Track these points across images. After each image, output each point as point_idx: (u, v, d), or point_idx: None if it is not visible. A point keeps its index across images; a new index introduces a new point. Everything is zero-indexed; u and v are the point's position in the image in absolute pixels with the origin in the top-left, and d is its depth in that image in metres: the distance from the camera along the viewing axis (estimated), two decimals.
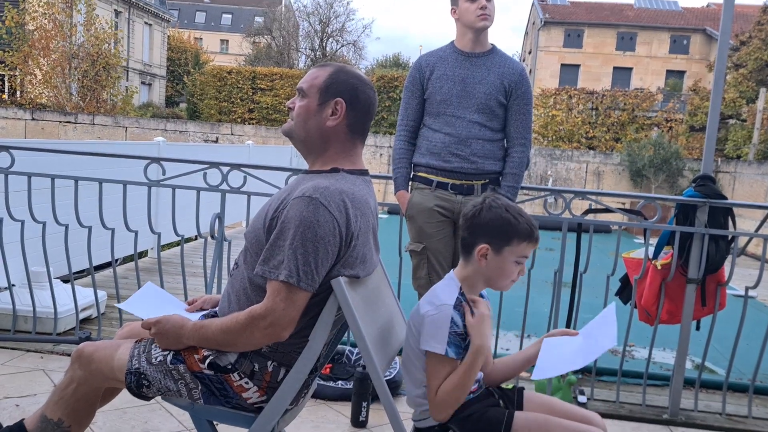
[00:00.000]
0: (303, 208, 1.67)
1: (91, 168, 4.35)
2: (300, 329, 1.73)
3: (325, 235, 1.66)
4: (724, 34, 3.06)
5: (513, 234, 1.73)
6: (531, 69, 33.31)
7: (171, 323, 1.78)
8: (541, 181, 15.33)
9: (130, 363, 1.80)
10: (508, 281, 1.79)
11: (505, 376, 1.92)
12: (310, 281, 1.67)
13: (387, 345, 1.97)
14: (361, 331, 1.72)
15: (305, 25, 37.15)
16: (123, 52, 30.20)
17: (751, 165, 13.03)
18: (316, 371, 1.91)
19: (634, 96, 18.67)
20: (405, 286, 3.36)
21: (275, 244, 1.68)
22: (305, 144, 1.86)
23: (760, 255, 3.24)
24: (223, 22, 58.64)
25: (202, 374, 1.75)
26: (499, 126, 3.07)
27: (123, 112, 22.51)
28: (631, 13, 35.08)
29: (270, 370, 1.75)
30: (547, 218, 3.27)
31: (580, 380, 3.51)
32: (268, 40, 38.16)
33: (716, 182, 3.20)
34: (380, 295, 2.04)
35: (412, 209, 3.09)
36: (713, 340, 3.23)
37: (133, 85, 31.13)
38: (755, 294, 6.91)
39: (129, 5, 35.29)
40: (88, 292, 3.95)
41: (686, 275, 3.13)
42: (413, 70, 3.16)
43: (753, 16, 23.11)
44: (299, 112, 1.84)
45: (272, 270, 1.67)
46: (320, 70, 1.86)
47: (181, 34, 41.14)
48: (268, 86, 22.53)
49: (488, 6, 2.98)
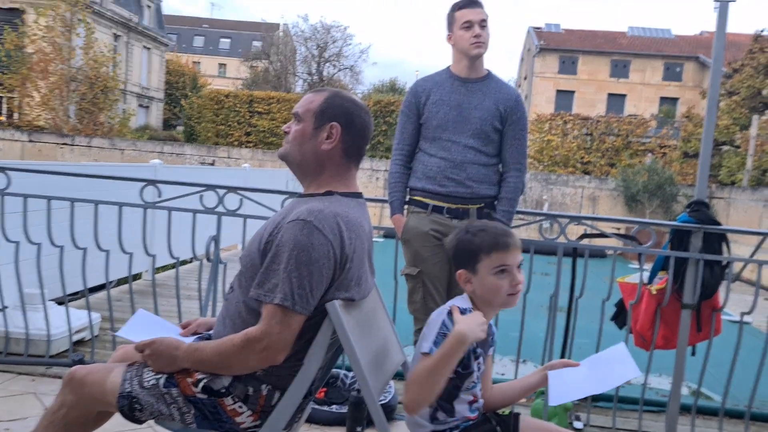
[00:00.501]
0: (297, 231, 1.67)
1: (87, 190, 4.34)
2: (295, 352, 1.72)
3: (319, 258, 1.67)
4: (716, 61, 3.10)
5: (476, 250, 1.76)
6: (527, 94, 33.61)
7: (165, 345, 1.77)
8: (536, 206, 15.37)
9: (122, 386, 1.78)
10: (503, 294, 1.76)
11: (504, 403, 1.91)
12: (305, 304, 1.67)
13: (382, 368, 1.96)
14: (356, 355, 1.71)
15: (302, 49, 37.49)
16: (121, 75, 30.41)
17: (745, 191, 13.11)
18: (311, 395, 1.90)
19: (628, 122, 18.84)
20: (401, 310, 3.36)
21: (270, 267, 1.69)
22: (301, 167, 1.88)
23: (755, 281, 3.24)
24: (222, 46, 59.14)
25: (195, 398, 1.74)
26: (494, 151, 3.09)
27: (120, 134, 22.60)
28: (624, 41, 35.53)
29: (264, 394, 1.74)
30: (542, 243, 3.28)
31: (576, 406, 3.48)
32: (265, 64, 38.45)
33: (710, 208, 3.22)
34: (375, 319, 2.03)
35: (408, 233, 3.09)
36: (709, 366, 3.22)
37: (131, 108, 31.26)
38: (751, 320, 6.88)
39: (128, 29, 35.59)
40: (83, 314, 3.92)
41: (681, 300, 3.13)
42: (409, 95, 3.18)
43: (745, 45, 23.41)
44: (295, 136, 1.86)
45: (267, 293, 1.67)
46: (316, 95, 1.88)
47: (179, 58, 41.48)
48: (265, 110, 22.66)
49: (482, 33, 3.01)
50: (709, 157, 3.14)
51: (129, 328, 2.02)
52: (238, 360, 1.69)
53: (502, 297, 1.76)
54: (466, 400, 1.78)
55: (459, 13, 3.03)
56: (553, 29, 36.96)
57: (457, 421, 1.77)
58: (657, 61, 33.69)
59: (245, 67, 41.06)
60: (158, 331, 1.95)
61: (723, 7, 3.03)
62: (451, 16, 3.08)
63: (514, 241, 1.78)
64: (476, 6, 3.03)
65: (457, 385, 1.75)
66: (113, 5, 33.96)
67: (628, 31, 37.41)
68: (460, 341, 1.65)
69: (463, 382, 1.76)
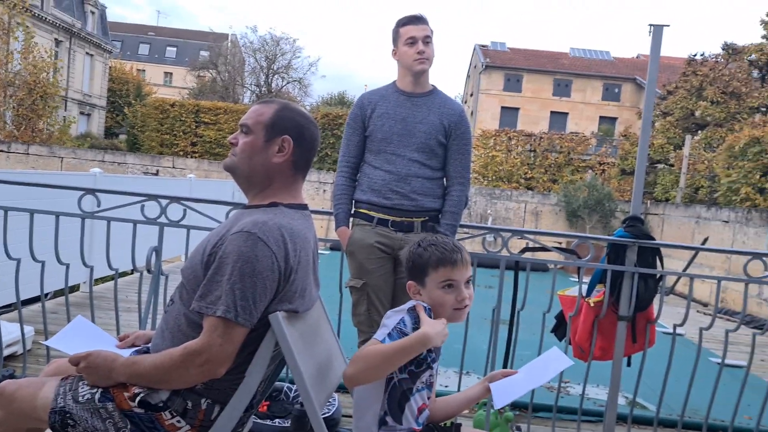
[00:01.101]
0: (241, 243, 1.66)
1: (22, 198, 4.19)
2: (237, 365, 1.70)
3: (263, 270, 1.66)
4: (650, 83, 3.23)
5: (425, 264, 1.80)
6: (472, 111, 34.17)
7: (101, 358, 1.73)
8: (481, 220, 15.61)
9: (55, 401, 1.73)
10: (449, 309, 1.79)
11: (447, 415, 1.94)
12: (249, 317, 1.65)
13: (325, 381, 1.96)
14: (299, 367, 1.70)
15: (251, 61, 37.20)
16: (62, 82, 29.49)
17: (679, 207, 13.63)
18: (253, 408, 1.88)
19: (570, 139, 19.37)
20: (345, 323, 3.35)
21: (213, 279, 1.67)
22: (249, 180, 1.86)
23: (687, 294, 3.37)
24: (168, 55, 58.07)
25: (132, 413, 1.70)
26: (438, 165, 3.14)
27: (59, 142, 21.87)
28: (566, 61, 36.58)
29: (204, 408, 1.71)
30: (485, 256, 3.34)
31: (517, 416, 3.54)
32: (213, 74, 37.96)
33: (645, 223, 3.33)
34: (319, 331, 2.03)
35: (353, 245, 3.10)
36: (644, 376, 3.32)
37: (72, 115, 30.34)
38: (683, 331, 7.15)
39: (70, 35, 34.61)
40: (14, 327, 3.77)
41: (617, 312, 3.23)
42: (355, 108, 3.20)
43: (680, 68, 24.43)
44: (244, 148, 1.84)
45: (209, 306, 1.65)
46: (265, 107, 1.87)
47: (123, 65, 40.47)
48: (212, 120, 22.31)
49: (426, 50, 3.04)
50: (643, 175, 3.26)
51: (63, 338, 1.95)
52: (177, 374, 1.66)
53: (448, 311, 1.80)
54: (416, 406, 1.79)
55: (403, 29, 3.07)
56: (499, 47, 37.75)
57: (403, 429, 1.78)
58: (597, 82, 34.79)
59: (192, 77, 40.42)
60: (94, 343, 1.90)
61: (657, 31, 3.17)
62: (396, 32, 3.11)
63: (463, 257, 1.82)
64: (420, 22, 3.06)
65: (410, 387, 1.77)
66: (55, 10, 32.97)
67: (570, 52, 38.56)
68: (423, 342, 1.68)
69: (415, 382, 1.78)
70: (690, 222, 12.71)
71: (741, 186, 11.45)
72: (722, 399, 3.36)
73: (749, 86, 23.20)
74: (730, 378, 4.67)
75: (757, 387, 4.76)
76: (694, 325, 4.18)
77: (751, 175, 11.27)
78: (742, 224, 10.58)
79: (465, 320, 3.32)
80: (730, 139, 12.73)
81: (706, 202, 14.04)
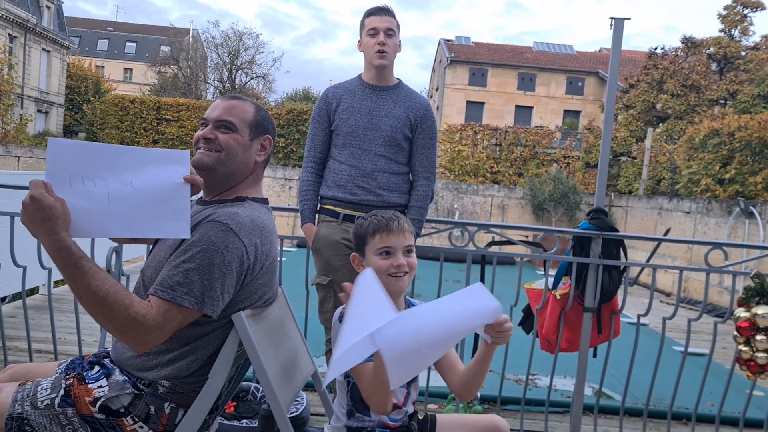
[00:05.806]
0: (213, 232, 1.63)
1: None
2: (200, 366, 1.67)
3: (231, 261, 1.63)
4: (612, 75, 3.26)
5: (363, 234, 1.84)
6: (438, 105, 34.29)
7: (63, 216, 1.48)
8: (448, 215, 15.66)
9: (12, 407, 1.67)
10: (384, 275, 1.76)
11: (471, 381, 1.82)
12: (214, 306, 1.61)
13: (291, 380, 1.93)
14: (263, 367, 1.67)
15: (214, 56, 36.71)
16: (17, 79, 28.71)
17: (641, 199, 13.87)
18: (218, 410, 1.84)
19: (535, 133, 19.54)
20: (312, 320, 3.32)
21: (179, 265, 1.61)
22: (229, 177, 1.83)
23: (650, 284, 3.42)
24: (127, 50, 57.01)
25: (92, 418, 1.65)
26: (404, 159, 3.12)
27: (16, 140, 21.30)
28: (530, 55, 36.95)
29: (167, 412, 1.67)
30: (452, 250, 3.34)
31: (486, 410, 3.56)
32: (174, 70, 37.35)
33: (609, 215, 3.37)
34: (284, 329, 2.00)
35: (319, 242, 3.07)
36: (610, 367, 3.37)
37: (28, 113, 29.58)
38: (647, 321, 7.29)
39: (25, 30, 33.69)
40: None
41: (583, 304, 3.26)
42: (320, 102, 3.17)
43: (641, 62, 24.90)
44: (231, 145, 1.80)
45: (168, 289, 1.58)
46: (244, 104, 1.86)
47: (81, 62, 39.53)
48: (174, 117, 21.94)
49: (387, 42, 3.01)
50: (606, 168, 3.29)
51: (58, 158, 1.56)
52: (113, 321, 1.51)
53: (383, 277, 1.76)
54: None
55: (368, 20, 3.05)
56: (464, 42, 37.96)
57: (372, 422, 1.77)
58: (560, 76, 35.22)
59: (153, 73, 39.72)
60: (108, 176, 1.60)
61: (618, 24, 3.20)
62: (362, 23, 3.09)
63: (400, 224, 1.82)
64: (385, 14, 3.04)
65: None
66: (8, 4, 32.05)
67: (533, 46, 38.97)
68: None
69: None
70: (652, 213, 12.96)
71: (701, 177, 11.69)
72: (686, 387, 3.43)
73: (708, 79, 23.78)
74: (694, 366, 4.78)
75: (720, 374, 4.88)
76: (658, 314, 4.25)
77: (711, 166, 11.50)
78: (702, 215, 10.82)
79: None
80: (690, 131, 12.99)
81: (667, 193, 14.32)
